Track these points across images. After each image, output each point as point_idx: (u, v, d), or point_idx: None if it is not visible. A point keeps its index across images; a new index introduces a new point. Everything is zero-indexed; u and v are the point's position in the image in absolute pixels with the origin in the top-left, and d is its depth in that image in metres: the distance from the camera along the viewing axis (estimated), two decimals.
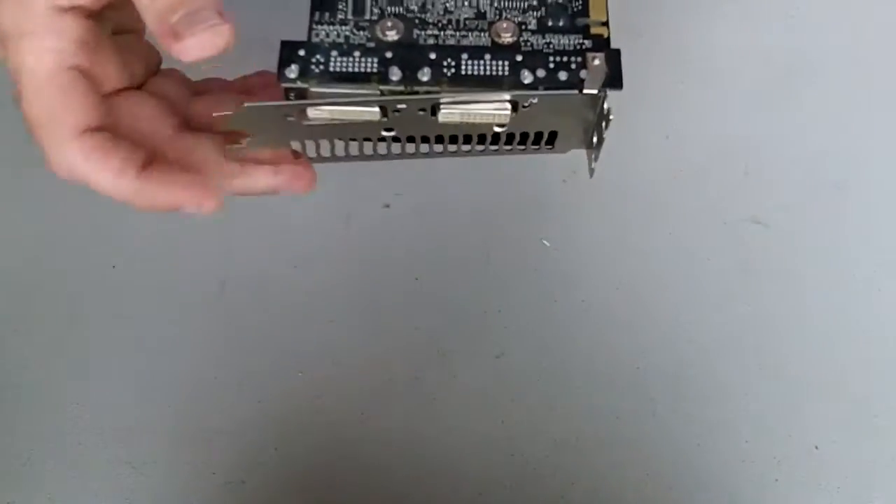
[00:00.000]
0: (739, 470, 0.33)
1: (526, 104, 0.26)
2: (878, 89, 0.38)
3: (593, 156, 0.28)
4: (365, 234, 0.37)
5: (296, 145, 0.28)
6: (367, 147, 0.28)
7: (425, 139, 0.28)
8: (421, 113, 0.26)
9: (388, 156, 0.28)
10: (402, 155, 0.28)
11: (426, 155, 0.28)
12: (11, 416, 0.35)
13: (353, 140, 0.28)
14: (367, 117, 0.26)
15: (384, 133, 0.27)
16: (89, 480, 0.34)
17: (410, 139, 0.28)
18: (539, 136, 0.28)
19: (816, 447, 0.34)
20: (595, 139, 0.27)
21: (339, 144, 0.28)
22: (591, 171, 0.28)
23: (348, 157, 0.29)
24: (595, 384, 0.34)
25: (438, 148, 0.28)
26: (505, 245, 0.36)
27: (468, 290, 0.36)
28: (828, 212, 0.36)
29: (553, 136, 0.28)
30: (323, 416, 0.34)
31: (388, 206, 0.37)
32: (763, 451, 0.34)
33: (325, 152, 0.28)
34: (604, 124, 0.26)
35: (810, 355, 0.34)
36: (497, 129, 0.27)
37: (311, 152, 0.28)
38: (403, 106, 0.26)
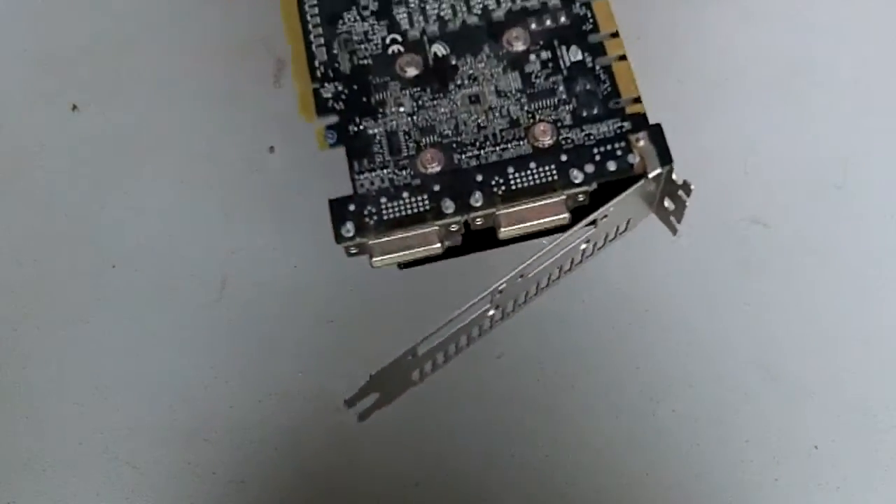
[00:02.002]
0: (739, 470, 0.33)
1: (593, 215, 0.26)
2: (879, 89, 0.38)
3: (673, 219, 0.27)
4: None
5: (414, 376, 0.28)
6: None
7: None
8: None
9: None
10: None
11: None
12: (11, 416, 0.35)
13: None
14: (432, 253, 0.26)
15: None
16: (89, 480, 0.34)
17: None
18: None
19: (816, 447, 0.34)
20: (671, 206, 0.27)
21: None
22: (675, 230, 0.28)
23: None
24: (595, 384, 0.34)
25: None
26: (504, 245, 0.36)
27: (468, 290, 0.36)
28: (828, 212, 0.36)
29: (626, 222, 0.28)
30: (323, 415, 0.34)
31: None
32: (763, 451, 0.34)
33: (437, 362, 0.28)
34: (681, 193, 0.26)
35: (810, 355, 0.34)
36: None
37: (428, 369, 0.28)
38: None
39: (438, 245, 0.26)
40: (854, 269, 0.36)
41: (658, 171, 0.26)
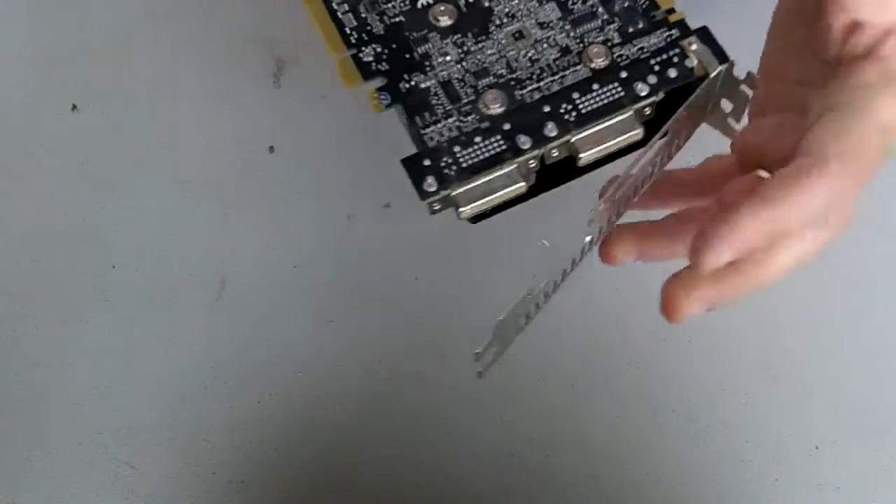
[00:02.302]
0: (739, 470, 0.33)
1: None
2: None
3: (731, 121, 0.27)
4: (365, 234, 0.37)
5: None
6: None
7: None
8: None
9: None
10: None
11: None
12: (11, 416, 0.35)
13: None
14: (517, 193, 0.26)
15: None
16: (89, 480, 0.34)
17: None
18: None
19: (816, 447, 0.34)
20: (728, 107, 0.27)
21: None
22: (734, 131, 0.28)
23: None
24: (595, 384, 0.34)
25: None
26: (505, 245, 0.36)
27: (468, 290, 0.36)
28: None
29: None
30: (323, 416, 0.34)
31: (388, 205, 0.37)
32: (763, 450, 0.34)
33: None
34: (744, 87, 0.26)
35: (810, 355, 0.34)
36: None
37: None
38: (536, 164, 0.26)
39: (523, 183, 0.26)
40: (854, 268, 0.36)
41: (719, 68, 0.26)
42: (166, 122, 0.39)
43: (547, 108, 0.26)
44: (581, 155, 0.26)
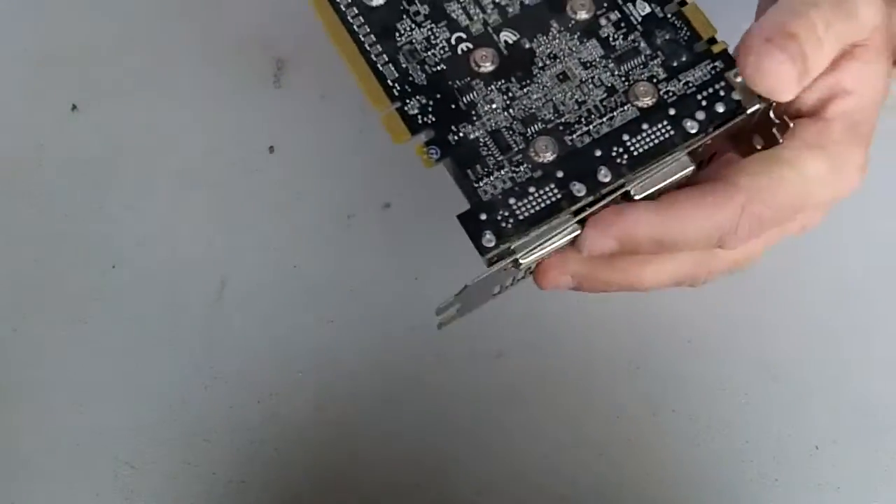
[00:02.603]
0: (739, 470, 0.33)
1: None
2: None
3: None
4: (365, 234, 0.37)
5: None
6: None
7: None
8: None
9: None
10: None
11: None
12: (11, 416, 0.35)
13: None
14: (572, 236, 0.26)
15: None
16: (89, 480, 0.34)
17: None
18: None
19: (816, 447, 0.34)
20: (760, 145, 0.27)
21: None
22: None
23: None
24: (595, 384, 0.34)
25: None
26: None
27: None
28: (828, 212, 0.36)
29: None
30: (323, 415, 0.34)
31: (388, 205, 0.37)
32: (763, 450, 0.34)
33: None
34: (776, 132, 0.26)
35: (810, 355, 0.34)
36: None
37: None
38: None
39: (577, 226, 0.26)
40: (854, 268, 0.36)
41: (757, 106, 0.26)
42: (166, 122, 0.39)
43: (598, 153, 0.26)
44: (635, 195, 0.26)
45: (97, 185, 0.38)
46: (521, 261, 0.26)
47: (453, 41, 0.28)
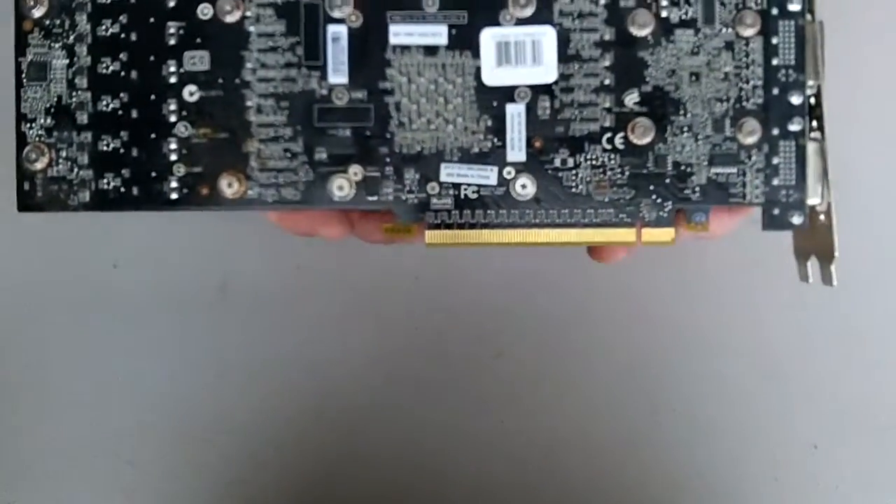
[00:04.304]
0: (739, 469, 0.33)
1: None
2: (878, 89, 0.38)
3: None
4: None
5: None
6: None
7: None
8: None
9: None
10: None
11: None
12: (11, 416, 0.35)
13: None
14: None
15: None
16: (89, 480, 0.34)
17: None
18: None
19: (816, 447, 0.34)
20: None
21: None
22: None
23: None
24: (595, 384, 0.34)
25: None
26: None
27: (468, 290, 0.36)
28: None
29: None
30: (323, 415, 0.34)
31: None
32: (762, 450, 0.34)
33: None
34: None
35: (810, 355, 0.34)
36: None
37: None
38: None
39: None
40: (853, 268, 0.36)
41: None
42: None
43: None
44: None
45: None
46: None
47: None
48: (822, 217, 0.27)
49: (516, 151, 0.26)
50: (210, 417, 0.34)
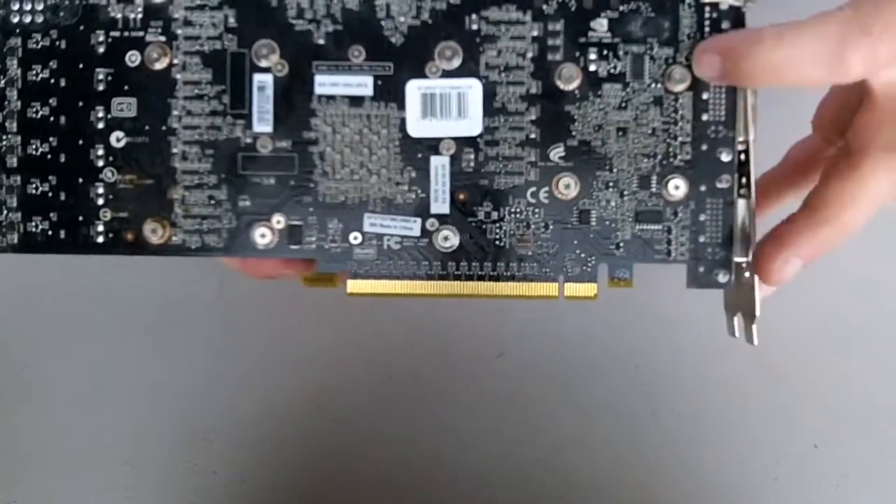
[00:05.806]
0: (739, 469, 0.33)
1: None
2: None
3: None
4: None
5: None
6: None
7: None
8: None
9: None
10: None
11: None
12: (11, 416, 0.35)
13: None
14: None
15: None
16: (89, 480, 0.34)
17: None
18: None
19: (816, 446, 0.34)
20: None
21: None
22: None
23: None
24: (595, 384, 0.34)
25: None
26: None
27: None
28: None
29: None
30: (323, 415, 0.34)
31: None
32: (763, 450, 0.34)
33: None
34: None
35: (810, 355, 0.34)
36: None
37: None
38: None
39: None
40: (853, 268, 0.36)
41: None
42: None
43: None
44: None
45: None
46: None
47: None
48: (746, 274, 0.27)
49: (440, 203, 0.26)
50: (210, 417, 0.34)
